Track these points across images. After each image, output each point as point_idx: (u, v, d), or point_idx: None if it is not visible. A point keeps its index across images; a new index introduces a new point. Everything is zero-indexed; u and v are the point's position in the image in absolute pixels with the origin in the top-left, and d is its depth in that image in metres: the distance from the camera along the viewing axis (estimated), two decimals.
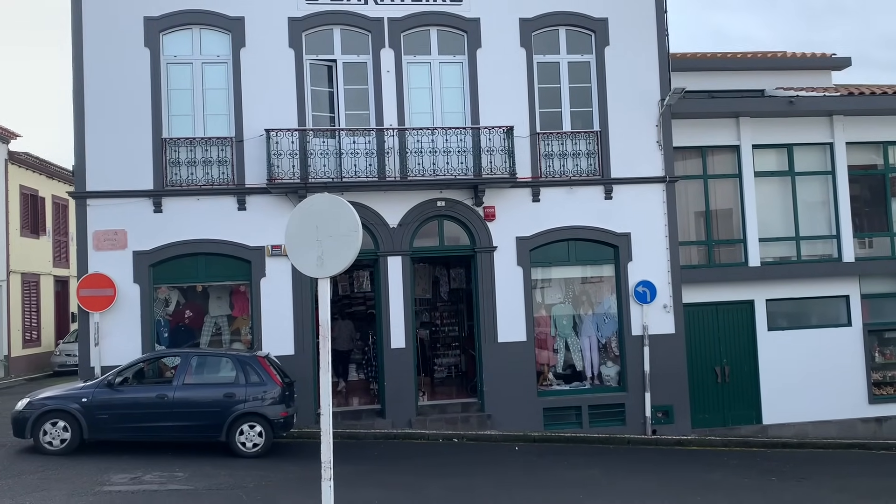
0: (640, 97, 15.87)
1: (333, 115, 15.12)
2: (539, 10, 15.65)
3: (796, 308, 16.93)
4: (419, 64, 15.40)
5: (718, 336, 16.56)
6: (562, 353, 15.87)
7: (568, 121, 15.78)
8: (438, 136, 14.92)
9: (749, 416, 16.46)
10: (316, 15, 15.01)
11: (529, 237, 15.38)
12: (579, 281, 16.02)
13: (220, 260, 14.63)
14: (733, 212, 16.97)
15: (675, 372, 15.60)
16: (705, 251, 16.86)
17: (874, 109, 17.13)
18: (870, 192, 17.71)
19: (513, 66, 15.49)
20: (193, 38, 14.84)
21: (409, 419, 14.70)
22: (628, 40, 15.90)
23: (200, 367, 12.72)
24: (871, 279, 17.15)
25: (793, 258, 17.05)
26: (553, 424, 15.17)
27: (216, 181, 14.54)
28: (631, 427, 15.34)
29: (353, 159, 14.61)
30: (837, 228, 17.08)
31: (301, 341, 14.49)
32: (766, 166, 17.06)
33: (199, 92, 14.77)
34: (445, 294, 18.79)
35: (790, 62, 19.13)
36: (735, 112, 16.74)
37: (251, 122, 14.57)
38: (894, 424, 16.79)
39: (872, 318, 17.14)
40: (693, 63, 18.36)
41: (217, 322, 15.00)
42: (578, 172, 15.63)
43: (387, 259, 14.96)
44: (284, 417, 12.36)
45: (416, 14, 15.28)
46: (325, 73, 15.21)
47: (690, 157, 16.86)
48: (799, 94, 16.90)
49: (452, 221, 15.34)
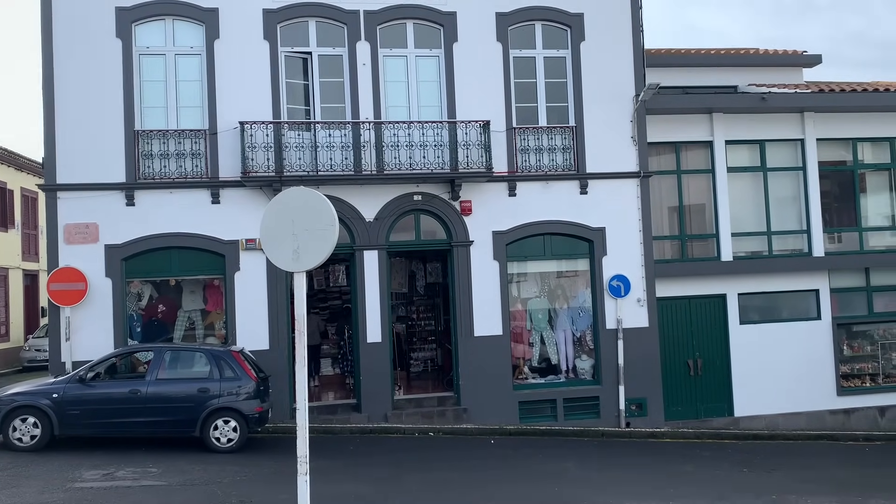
0: (615, 93, 15.97)
1: (309, 108, 15.01)
2: (515, 5, 15.67)
3: (768, 302, 17.18)
4: (395, 57, 15.34)
5: (691, 329, 16.76)
6: (537, 347, 15.95)
7: (544, 116, 15.83)
8: (415, 129, 14.89)
9: (721, 409, 16.68)
10: (291, 7, 14.88)
11: (505, 231, 15.43)
12: (555, 275, 16.10)
13: (193, 254, 14.47)
14: (706, 207, 17.16)
15: (649, 365, 15.77)
16: (678, 246, 17.04)
17: (844, 107, 17.40)
18: (839, 188, 18.00)
19: (489, 60, 15.49)
20: (166, 29, 14.65)
21: (385, 413, 14.69)
22: (603, 36, 15.98)
23: (174, 362, 12.60)
24: (840, 273, 17.45)
25: (764, 253, 17.29)
26: (528, 418, 15.25)
27: (190, 174, 14.38)
28: (605, 420, 15.48)
29: (328, 153, 14.53)
30: (808, 224, 17.34)
31: (276, 336, 14.40)
32: (738, 162, 17.26)
33: (173, 84, 14.58)
34: (422, 288, 18.79)
35: (762, 59, 19.38)
36: (708, 108, 16.92)
37: (225, 114, 14.42)
38: (862, 416, 17.13)
39: (841, 311, 17.44)
40: (667, 59, 18.52)
41: (191, 316, 14.86)
42: (554, 167, 15.70)
43: (363, 253, 14.91)
44: (259, 412, 12.29)
45: (392, 7, 15.22)
46: (300, 66, 15.10)
47: (664, 153, 17.01)
48: (771, 91, 17.11)
49: (429, 215, 15.33)
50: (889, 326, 17.85)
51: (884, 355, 17.74)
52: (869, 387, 17.44)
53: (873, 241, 17.97)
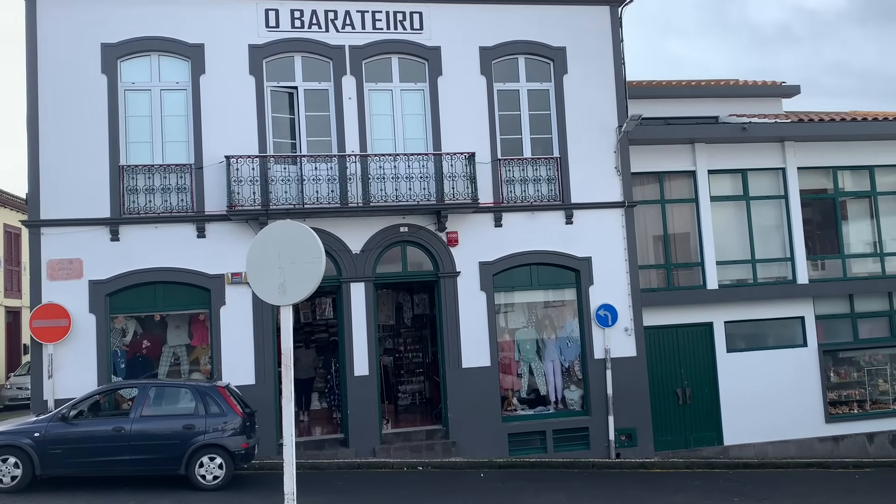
0: (599, 124, 16.16)
1: (295, 142, 15.08)
2: (498, 39, 15.89)
3: (754, 329, 17.25)
4: (381, 91, 15.48)
5: (679, 358, 16.77)
6: (526, 378, 15.89)
7: (528, 147, 15.98)
8: (401, 162, 14.97)
9: (710, 438, 16.63)
10: (277, 42, 15.02)
11: (492, 262, 15.45)
12: (542, 305, 16.11)
13: (178, 288, 14.38)
14: (691, 236, 17.30)
15: (638, 395, 15.73)
16: (664, 274, 17.12)
17: (824, 136, 17.69)
18: (821, 215, 18.22)
19: (473, 93, 15.66)
20: (152, 64, 14.71)
21: (373, 448, 14.54)
22: (586, 69, 16.22)
23: (158, 399, 12.42)
24: (824, 300, 17.57)
25: (749, 281, 17.40)
26: (518, 450, 15.14)
27: (175, 209, 14.35)
28: (595, 451, 15.39)
29: (314, 185, 14.56)
30: (791, 251, 17.50)
31: (262, 370, 14.27)
32: (721, 191, 17.45)
33: (158, 119, 14.61)
34: (409, 320, 18.72)
35: (743, 90, 19.73)
36: (690, 138, 17.14)
37: (211, 148, 14.45)
38: (851, 443, 17.13)
39: (827, 338, 17.54)
40: (649, 91, 18.83)
41: (176, 352, 14.71)
42: (539, 198, 15.80)
43: (349, 285, 14.87)
44: (245, 448, 12.12)
45: (377, 42, 15.39)
46: (286, 100, 15.19)
47: (648, 183, 17.17)
48: (752, 121, 17.39)
49: (415, 247, 15.35)
50: (874, 352, 17.94)
51: (870, 381, 17.80)
52: (857, 413, 17.47)
53: (856, 268, 18.14)
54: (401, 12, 15.54)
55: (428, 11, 15.63)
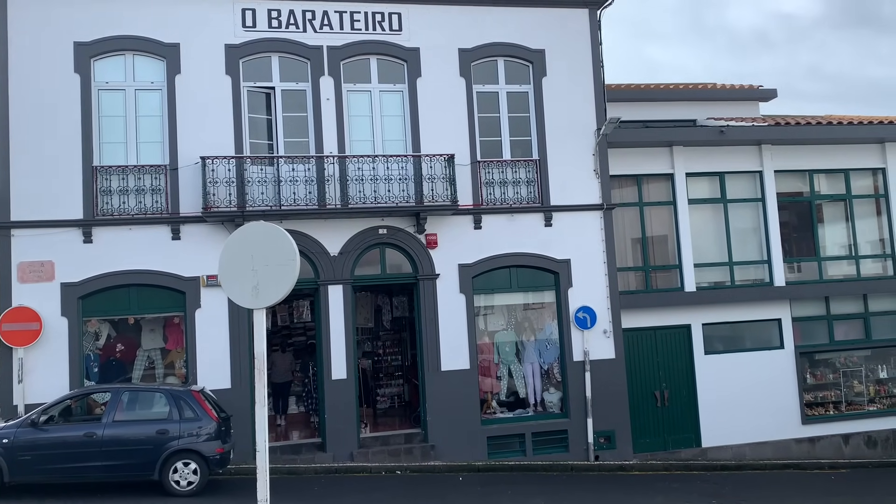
0: (578, 127, 16.15)
1: (272, 143, 14.92)
2: (477, 41, 15.84)
3: (731, 332, 17.33)
4: (359, 92, 15.37)
5: (657, 360, 16.79)
6: (505, 381, 15.83)
7: (508, 149, 15.94)
8: (379, 163, 14.87)
9: (689, 440, 16.67)
10: (253, 42, 14.85)
11: (472, 264, 15.38)
12: (521, 307, 16.07)
13: (153, 291, 14.15)
14: (668, 238, 17.35)
15: (617, 397, 15.73)
16: (643, 277, 17.15)
17: (800, 139, 17.82)
18: (798, 218, 18.35)
19: (453, 95, 15.59)
20: (126, 64, 14.49)
21: (351, 452, 14.40)
22: (565, 71, 16.21)
23: (132, 403, 12.19)
24: (801, 303, 17.69)
25: (727, 283, 17.48)
26: (497, 453, 15.07)
27: (149, 210, 14.13)
28: (574, 453, 15.36)
29: (292, 187, 14.41)
30: (768, 254, 17.61)
31: (238, 374, 14.08)
32: (699, 194, 17.52)
33: (133, 119, 14.39)
34: (388, 323, 18.61)
35: (720, 93, 19.86)
36: (668, 141, 17.20)
37: (186, 149, 14.25)
38: (826, 444, 17.26)
39: (804, 340, 17.66)
40: (628, 94, 18.88)
41: (150, 355, 14.48)
42: (519, 200, 15.76)
43: (327, 288, 14.73)
44: (220, 454, 11.93)
45: (355, 43, 15.27)
46: (263, 101, 15.03)
47: (626, 185, 17.20)
48: (729, 124, 17.48)
49: (394, 249, 15.24)
50: (850, 354, 18.10)
51: (846, 383, 17.95)
52: (833, 415, 17.60)
53: (832, 271, 18.29)
54: (379, 13, 15.44)
55: (407, 12, 15.54)
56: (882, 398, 18.08)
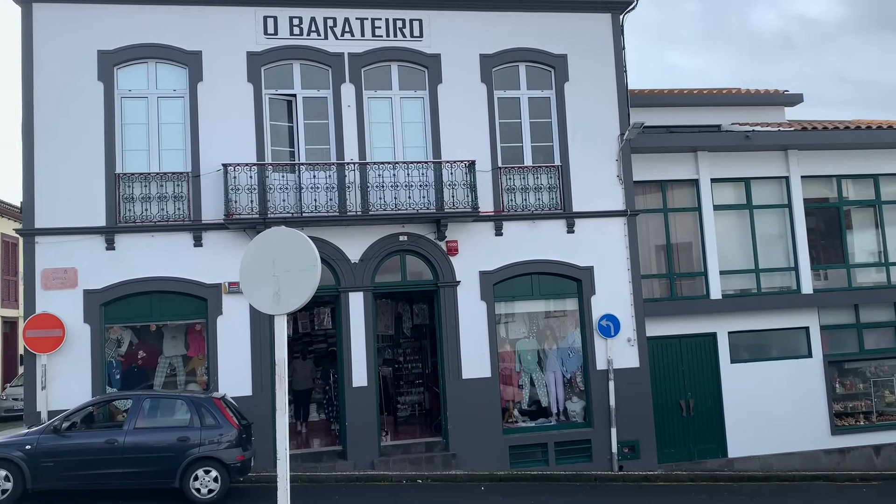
0: (600, 132, 15.99)
1: (293, 150, 14.92)
2: (499, 47, 15.76)
3: (758, 340, 17.03)
4: (380, 99, 15.33)
5: (682, 369, 16.54)
6: (527, 389, 15.66)
7: (529, 155, 15.81)
8: (400, 170, 14.81)
9: (714, 450, 16.38)
10: (275, 50, 14.88)
11: (493, 271, 15.25)
12: (543, 315, 15.90)
13: (175, 298, 14.18)
14: (693, 245, 17.10)
15: (641, 406, 15.49)
16: (667, 284, 16.92)
17: (827, 144, 17.51)
18: (825, 224, 18.02)
19: (474, 101, 15.51)
20: (149, 71, 14.57)
21: (372, 460, 14.29)
22: (587, 76, 16.07)
23: (153, 410, 12.22)
24: (829, 311, 17.35)
25: (753, 290, 17.19)
26: (519, 462, 14.89)
27: (171, 217, 14.17)
28: (597, 463, 15.14)
29: (313, 194, 14.38)
30: (795, 261, 17.30)
31: (259, 381, 14.05)
32: (724, 200, 17.26)
33: (155, 126, 14.46)
34: (408, 330, 18.51)
35: (745, 98, 19.59)
36: (693, 147, 16.97)
37: (208, 156, 14.28)
38: (857, 455, 16.87)
39: (832, 349, 17.30)
40: (651, 99, 18.68)
41: (172, 362, 14.50)
42: (540, 206, 15.62)
43: (348, 295, 14.67)
44: (241, 461, 11.89)
45: (376, 49, 15.25)
46: (284, 108, 15.04)
47: (650, 192, 16.99)
48: (755, 129, 17.23)
49: (415, 256, 15.15)
50: (880, 363, 17.71)
51: (876, 393, 17.57)
52: (863, 425, 17.21)
53: (860, 278, 17.93)
54: (400, 20, 15.40)
55: (428, 19, 15.50)
56: None
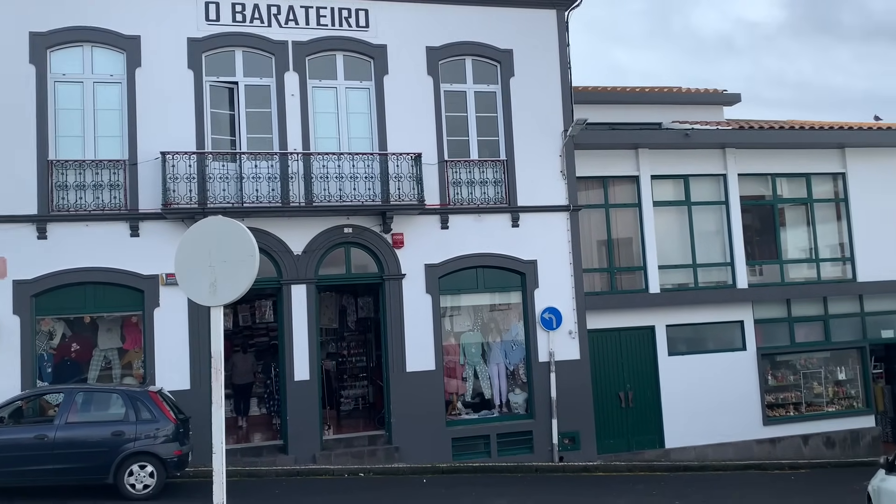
0: (545, 128, 16.13)
1: (234, 139, 14.63)
2: (445, 40, 15.73)
3: (695, 333, 17.46)
4: (325, 88, 15.15)
5: (621, 361, 16.84)
6: (470, 382, 15.74)
7: (475, 149, 15.85)
8: (345, 161, 14.67)
9: (652, 441, 16.75)
10: (217, 36, 14.56)
11: (438, 264, 15.26)
12: (488, 308, 15.99)
13: (110, 289, 13.77)
14: (634, 240, 17.42)
15: (581, 398, 15.73)
16: (608, 278, 17.20)
17: (763, 143, 18.03)
18: (760, 221, 18.56)
19: (420, 93, 15.46)
20: (84, 55, 14.09)
21: (314, 454, 14.17)
22: (532, 72, 16.18)
23: (86, 405, 11.86)
24: (763, 305, 17.90)
25: (690, 285, 17.60)
26: (462, 454, 14.96)
27: (107, 206, 13.76)
28: (539, 454, 15.33)
29: (254, 184, 14.14)
30: (731, 256, 17.78)
31: (198, 375, 13.76)
32: (663, 196, 17.62)
33: (91, 112, 14.00)
34: (353, 323, 18.40)
35: (685, 97, 20.03)
36: (634, 144, 17.27)
37: (146, 144, 13.90)
38: (787, 445, 17.48)
39: (765, 342, 17.86)
40: (594, 96, 18.93)
41: (107, 355, 14.09)
42: (486, 200, 15.69)
43: (290, 287, 14.48)
44: (178, 456, 11.66)
45: (321, 38, 15.06)
46: (226, 95, 14.73)
47: (593, 187, 17.23)
48: (694, 128, 17.62)
49: (360, 248, 15.05)
50: (809, 356, 18.36)
51: (805, 384, 18.21)
52: (793, 416, 17.83)
53: (793, 274, 18.54)
54: (346, 9, 15.25)
55: (374, 9, 15.38)
56: (840, 399, 18.37)
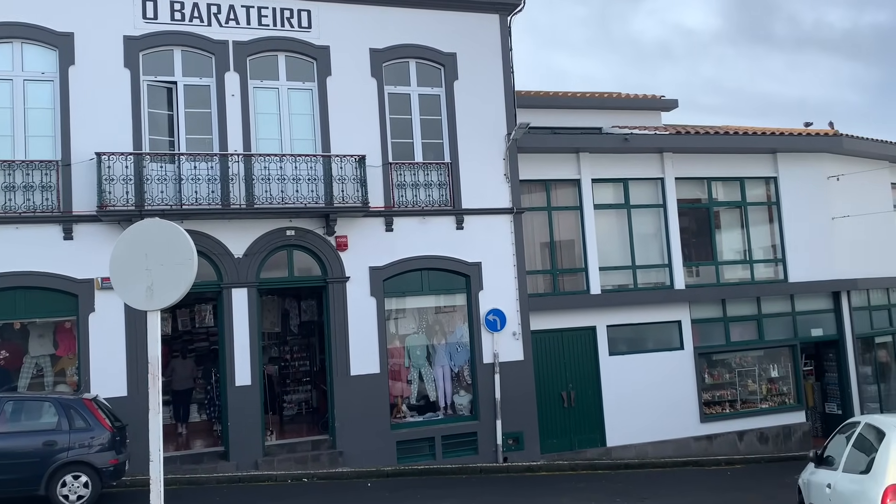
0: (488, 131, 16.26)
1: (173, 140, 14.31)
2: (389, 42, 15.72)
3: (634, 333, 17.81)
4: (266, 89, 14.95)
5: (564, 362, 17.07)
6: (415, 384, 15.73)
7: (420, 152, 15.87)
8: (287, 163, 14.50)
9: (594, 440, 17.01)
10: (155, 35, 14.23)
11: (383, 267, 15.22)
12: (433, 310, 16.01)
13: (42, 294, 13.30)
14: (575, 242, 17.68)
15: (525, 398, 15.89)
16: (550, 280, 17.42)
17: (699, 148, 18.52)
18: (696, 224, 19.06)
19: (364, 95, 15.40)
20: (14, 52, 13.60)
21: (256, 460, 13.95)
22: (476, 76, 16.29)
23: (16, 413, 11.42)
24: (699, 305, 18.38)
25: (630, 286, 17.96)
26: (407, 457, 14.94)
27: (39, 208, 13.29)
28: (483, 455, 15.41)
29: (194, 186, 13.86)
30: (669, 258, 18.21)
31: (135, 381, 13.39)
32: (604, 199, 17.94)
33: (21, 111, 13.51)
34: (296, 327, 18.19)
35: (625, 102, 20.46)
36: (575, 148, 17.54)
37: (80, 144, 13.49)
38: (723, 441, 17.98)
39: (702, 341, 18.33)
40: (537, 100, 19.19)
41: (38, 362, 13.60)
42: (431, 203, 15.71)
43: (231, 291, 14.24)
44: (115, 465, 11.35)
45: (262, 39, 14.87)
46: (164, 95, 14.41)
47: (535, 190, 17.44)
48: (633, 132, 18.00)
49: (303, 251, 14.90)
50: (744, 354, 18.93)
51: (740, 382, 18.76)
52: (728, 413, 18.35)
53: (728, 275, 19.10)
54: (288, 9, 15.08)
55: (316, 10, 15.26)
56: (773, 396, 18.99)
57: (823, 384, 20.29)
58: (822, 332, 19.57)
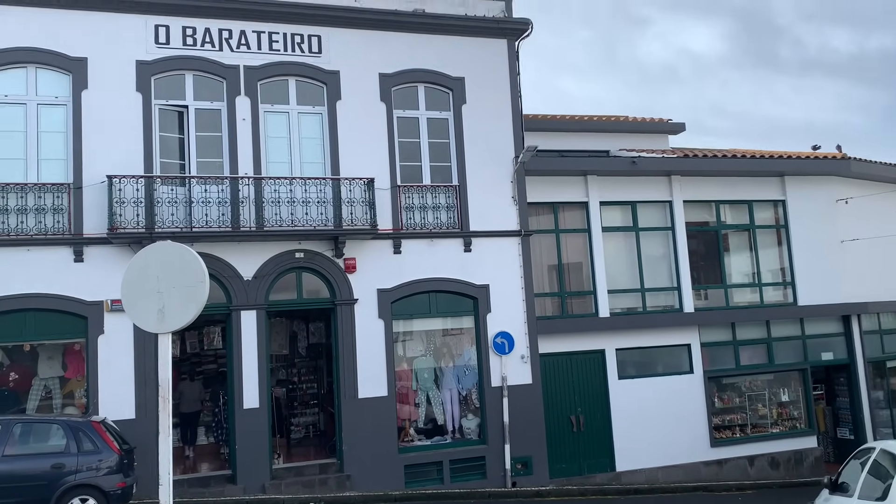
0: (496, 154, 16.33)
1: (184, 163, 14.43)
2: (398, 67, 15.86)
3: (644, 357, 17.72)
4: (277, 113, 15.09)
5: (573, 385, 16.98)
6: (423, 408, 15.66)
7: (428, 175, 15.94)
8: (297, 186, 14.59)
9: (603, 464, 16.87)
10: (166, 59, 14.41)
11: (391, 289, 15.23)
12: (440, 333, 15.98)
13: (51, 316, 13.35)
14: (583, 265, 17.67)
15: (534, 422, 15.79)
16: (559, 302, 17.39)
17: (707, 171, 18.55)
18: (705, 247, 19.03)
19: (373, 119, 15.52)
20: (28, 77, 13.78)
21: (263, 484, 13.88)
22: (484, 100, 16.40)
23: (24, 436, 11.43)
24: (709, 329, 18.28)
25: (639, 309, 17.90)
26: (414, 482, 14.83)
27: (50, 230, 13.39)
28: (491, 480, 15.29)
29: (204, 208, 13.94)
30: (678, 281, 18.16)
31: (143, 404, 13.39)
32: (612, 222, 17.96)
33: (34, 135, 13.66)
34: (304, 350, 18.17)
35: (632, 125, 20.55)
36: (583, 171, 17.59)
37: (92, 168, 13.61)
38: (733, 466, 17.79)
39: (712, 365, 18.22)
40: (544, 124, 19.29)
41: (47, 385, 13.62)
42: (438, 225, 15.75)
43: (240, 313, 14.26)
44: (122, 488, 11.31)
45: (273, 63, 15.03)
46: (175, 119, 14.54)
47: (543, 213, 17.47)
48: (641, 155, 18.05)
49: (312, 273, 14.93)
50: (754, 378, 18.79)
51: (750, 406, 18.61)
52: (739, 437, 18.18)
53: (737, 298, 19.02)
54: (299, 35, 15.26)
55: (327, 35, 15.43)
56: (784, 420, 18.81)
57: (835, 409, 20.10)
58: (832, 356, 19.43)
